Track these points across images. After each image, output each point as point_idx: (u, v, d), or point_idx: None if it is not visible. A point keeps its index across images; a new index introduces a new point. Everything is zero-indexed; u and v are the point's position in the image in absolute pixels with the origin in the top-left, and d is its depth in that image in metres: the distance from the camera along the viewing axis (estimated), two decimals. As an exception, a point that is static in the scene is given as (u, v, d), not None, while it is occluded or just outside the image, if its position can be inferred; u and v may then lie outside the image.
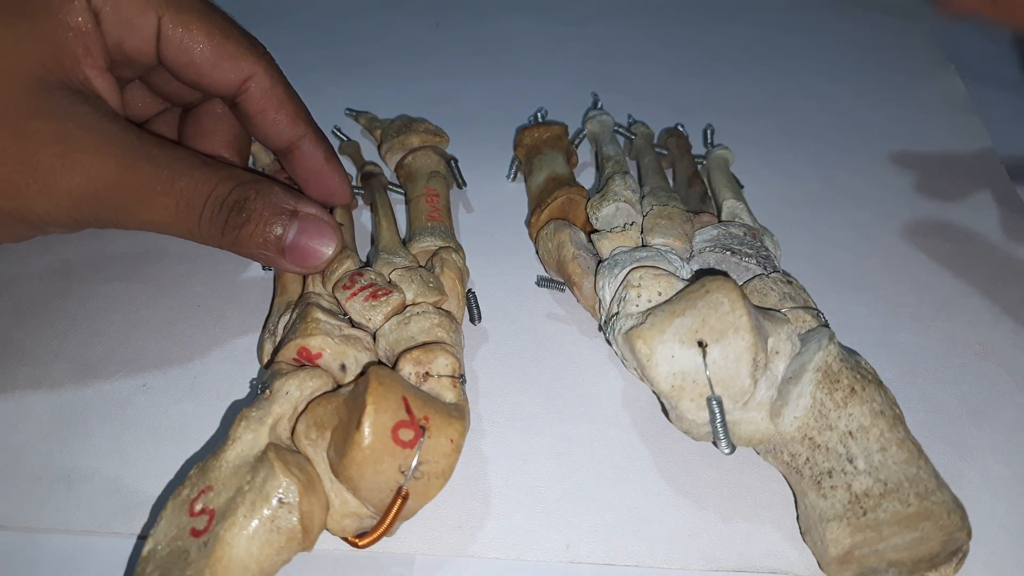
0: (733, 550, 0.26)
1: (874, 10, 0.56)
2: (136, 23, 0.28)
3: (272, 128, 0.31)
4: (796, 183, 0.41)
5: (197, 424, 0.29)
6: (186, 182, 0.27)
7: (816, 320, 0.28)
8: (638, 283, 0.28)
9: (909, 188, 0.41)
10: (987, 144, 0.44)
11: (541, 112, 0.43)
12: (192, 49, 0.29)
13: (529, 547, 0.26)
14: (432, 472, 0.23)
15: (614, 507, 0.27)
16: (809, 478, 0.25)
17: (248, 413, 0.25)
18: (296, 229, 0.28)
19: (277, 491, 0.22)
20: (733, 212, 0.34)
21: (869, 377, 0.26)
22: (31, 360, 0.31)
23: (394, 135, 0.39)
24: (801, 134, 0.44)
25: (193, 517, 0.23)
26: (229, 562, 0.21)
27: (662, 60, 0.51)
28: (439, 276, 0.31)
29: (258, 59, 0.30)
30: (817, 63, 0.51)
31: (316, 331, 0.27)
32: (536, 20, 0.54)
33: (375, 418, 0.22)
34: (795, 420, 0.25)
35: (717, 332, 0.25)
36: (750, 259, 0.31)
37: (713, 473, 0.28)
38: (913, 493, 0.23)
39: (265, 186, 0.28)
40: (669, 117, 0.43)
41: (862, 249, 0.37)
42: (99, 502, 0.26)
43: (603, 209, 0.33)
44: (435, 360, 0.26)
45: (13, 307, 0.33)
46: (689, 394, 0.26)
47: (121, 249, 0.36)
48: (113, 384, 0.30)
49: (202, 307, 0.33)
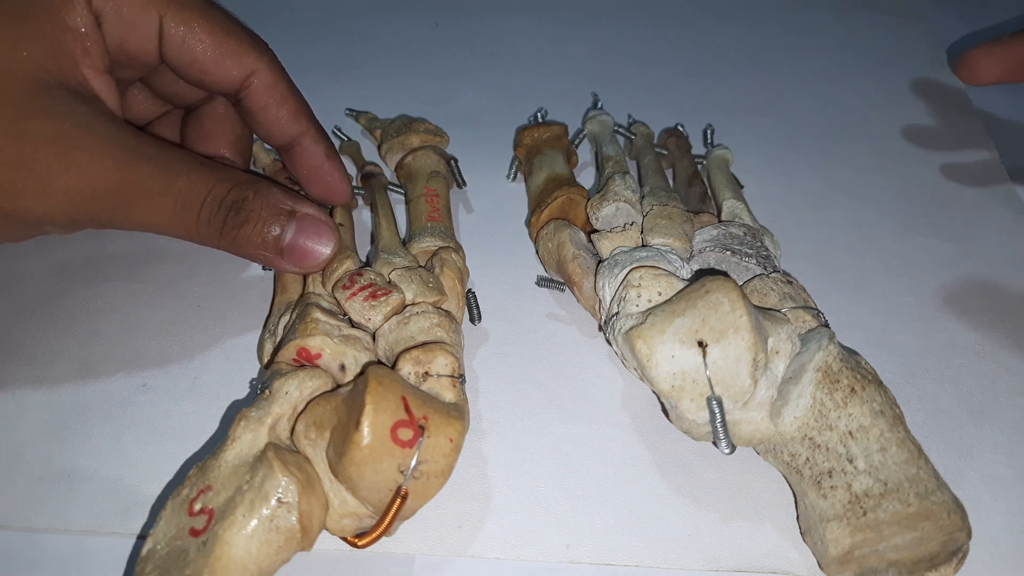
0: (733, 550, 0.26)
1: (874, 10, 0.56)
2: (138, 23, 0.28)
3: (274, 124, 0.31)
4: (796, 183, 0.41)
5: (197, 424, 0.29)
6: (184, 182, 0.27)
7: (816, 320, 0.28)
8: (638, 283, 0.28)
9: (909, 188, 0.41)
10: (987, 144, 0.44)
11: (541, 112, 0.43)
12: (194, 47, 0.29)
13: (529, 547, 0.26)
14: (431, 472, 0.23)
15: (614, 507, 0.27)
16: (809, 478, 0.25)
17: (247, 413, 0.25)
18: (294, 229, 0.28)
19: (276, 491, 0.22)
20: (733, 212, 0.34)
21: (869, 377, 0.26)
22: (31, 360, 0.31)
23: (394, 135, 0.39)
24: (801, 134, 0.44)
25: (192, 517, 0.23)
26: (228, 562, 0.21)
27: (662, 60, 0.51)
28: (439, 276, 0.31)
29: (260, 55, 0.30)
30: (817, 63, 0.51)
31: (315, 331, 0.27)
32: (536, 20, 0.54)
33: (374, 418, 0.22)
34: (795, 420, 0.25)
35: (717, 332, 0.25)
36: (750, 259, 0.31)
37: (713, 473, 0.28)
38: (913, 493, 0.23)
39: (263, 186, 0.28)
40: (669, 117, 0.44)
41: (862, 249, 0.37)
42: (99, 502, 0.26)
43: (603, 209, 0.33)
44: (434, 360, 0.26)
45: (13, 307, 0.33)
46: (689, 394, 0.26)
47: (121, 249, 0.36)
48: (113, 384, 0.30)
49: (202, 307, 0.33)
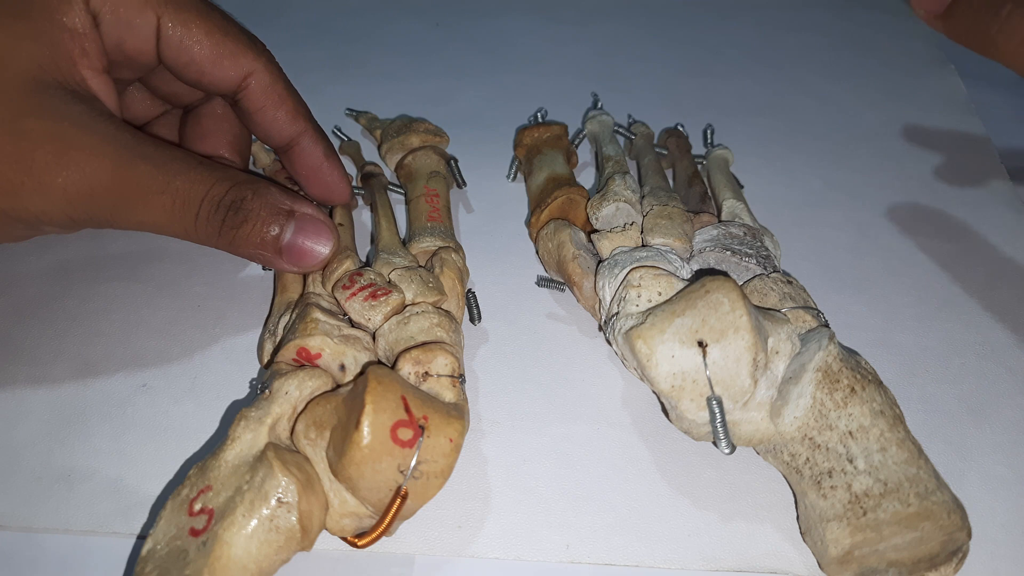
0: (733, 550, 0.26)
1: (874, 10, 0.56)
2: (135, 23, 0.28)
3: (272, 125, 0.31)
4: (796, 183, 0.41)
5: (197, 424, 0.29)
6: (182, 182, 0.27)
7: (816, 320, 0.28)
8: (638, 283, 0.28)
9: (909, 188, 0.41)
10: (987, 144, 0.44)
11: (541, 112, 0.43)
12: (192, 48, 0.29)
13: (529, 547, 0.26)
14: (431, 472, 0.23)
15: (614, 507, 0.27)
16: (809, 478, 0.25)
17: (247, 413, 0.25)
18: (293, 229, 0.28)
19: (276, 490, 0.22)
20: (733, 212, 0.34)
21: (869, 377, 0.26)
22: (31, 360, 0.31)
23: (394, 135, 0.39)
24: (801, 134, 0.44)
25: (192, 517, 0.23)
26: (228, 561, 0.21)
27: (662, 60, 0.51)
28: (439, 276, 0.31)
29: (258, 56, 0.30)
30: (817, 63, 0.51)
31: (315, 331, 0.27)
32: (536, 20, 0.54)
33: (374, 417, 0.22)
34: (795, 420, 0.25)
35: (717, 332, 0.25)
36: (750, 259, 0.31)
37: (713, 473, 0.28)
38: (913, 493, 0.23)
39: (262, 186, 0.28)
40: (669, 117, 0.44)
41: (862, 249, 0.37)
42: (99, 502, 0.26)
43: (603, 209, 0.33)
44: (434, 360, 0.26)
45: (13, 307, 0.33)
46: (689, 394, 0.26)
47: (121, 249, 0.36)
48: (113, 384, 0.30)
49: (202, 307, 0.33)
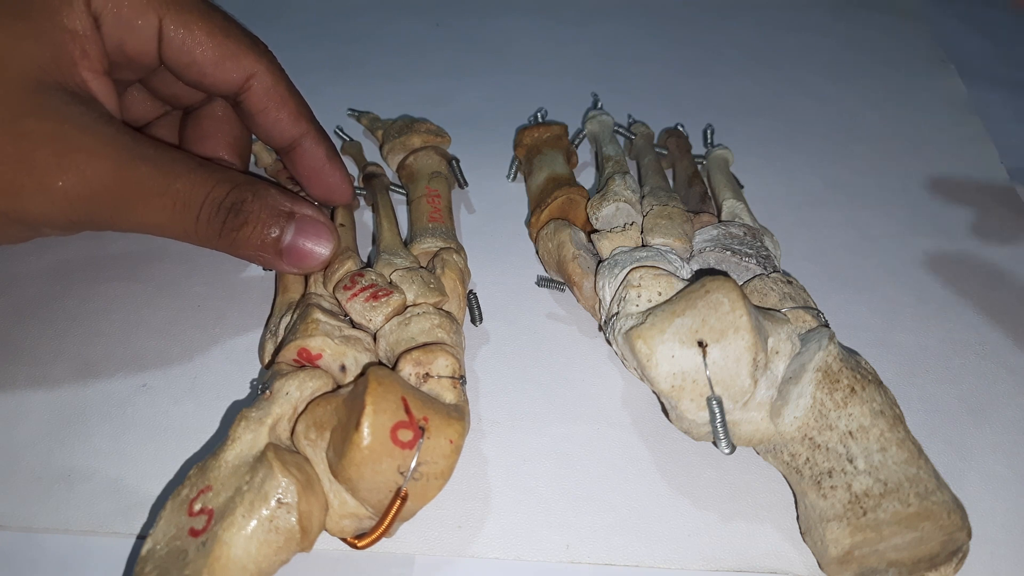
0: (733, 550, 0.26)
1: (874, 10, 0.56)
2: (137, 25, 0.28)
3: (274, 126, 0.31)
4: (796, 183, 0.41)
5: (197, 424, 0.29)
6: (183, 184, 0.27)
7: (816, 320, 0.28)
8: (638, 283, 0.28)
9: (909, 188, 0.41)
10: (987, 144, 0.44)
11: (541, 112, 0.43)
12: (194, 49, 0.29)
13: (529, 547, 0.26)
14: (431, 473, 0.23)
15: (614, 507, 0.27)
16: (809, 478, 0.25)
17: (248, 413, 0.25)
18: (293, 230, 0.28)
19: (276, 491, 0.22)
20: (733, 212, 0.34)
21: (869, 377, 0.26)
22: (31, 360, 0.31)
23: (396, 135, 0.39)
24: (801, 134, 0.44)
25: (192, 517, 0.22)
26: (227, 562, 0.21)
27: (662, 60, 0.51)
28: (440, 277, 0.31)
29: (259, 57, 0.30)
30: (817, 63, 0.51)
31: (316, 332, 0.27)
32: (536, 20, 0.54)
33: (374, 419, 0.22)
34: (795, 420, 0.25)
35: (717, 332, 0.25)
36: (750, 259, 0.31)
37: (713, 473, 0.28)
38: (913, 493, 0.23)
39: (262, 188, 0.28)
40: (669, 117, 0.44)
41: (862, 249, 0.37)
42: (99, 502, 0.26)
43: (603, 209, 0.33)
44: (435, 361, 0.26)
45: (13, 307, 0.33)
46: (689, 394, 0.26)
47: (121, 249, 0.36)
48: (113, 384, 0.30)
49: (202, 307, 0.33)
